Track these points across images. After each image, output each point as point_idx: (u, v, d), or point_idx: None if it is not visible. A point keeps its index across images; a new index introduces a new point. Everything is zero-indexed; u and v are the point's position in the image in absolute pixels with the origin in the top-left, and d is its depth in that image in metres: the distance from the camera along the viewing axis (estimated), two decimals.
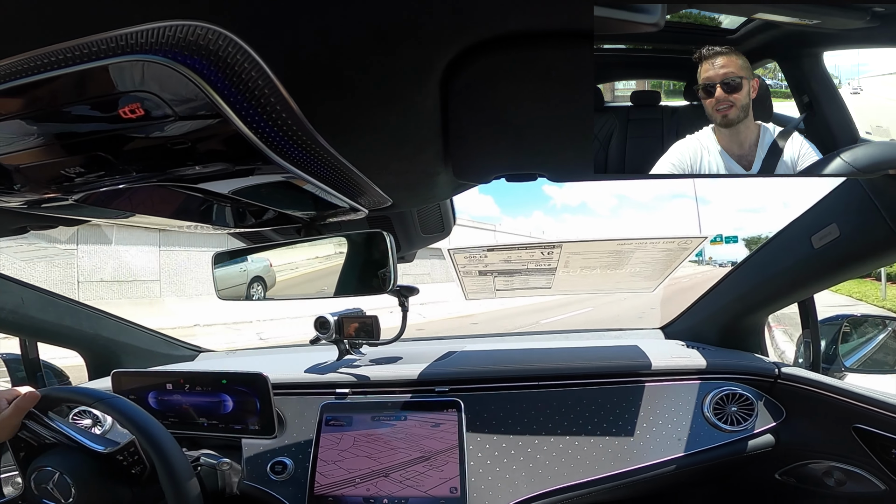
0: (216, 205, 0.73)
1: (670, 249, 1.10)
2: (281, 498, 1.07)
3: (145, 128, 0.44)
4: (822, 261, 0.99)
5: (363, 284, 0.88)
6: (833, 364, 1.25)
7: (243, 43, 0.37)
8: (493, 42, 0.41)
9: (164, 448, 0.81)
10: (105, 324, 1.52)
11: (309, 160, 0.57)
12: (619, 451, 1.08)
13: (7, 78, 0.39)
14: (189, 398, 1.10)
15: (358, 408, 1.16)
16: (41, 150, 0.48)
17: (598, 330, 1.76)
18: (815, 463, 1.09)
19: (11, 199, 0.60)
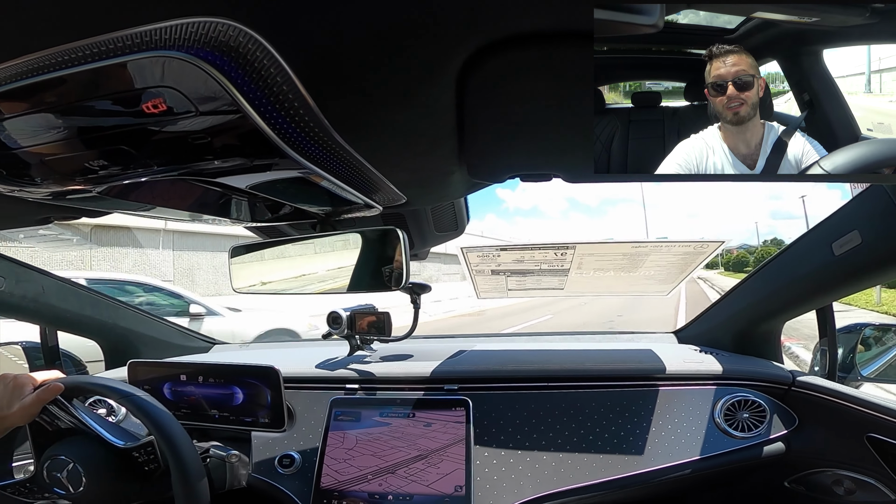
0: (234, 199, 0.74)
1: (686, 253, 1.09)
2: (288, 491, 1.09)
3: (167, 122, 0.45)
4: (843, 268, 0.97)
5: (376, 281, 0.89)
6: (850, 373, 1.22)
7: (262, 39, 0.37)
8: (509, 40, 0.41)
9: (183, 454, 0.81)
10: (123, 314, 1.55)
11: (325, 156, 0.57)
12: (626, 455, 1.07)
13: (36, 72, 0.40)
14: (202, 389, 1.12)
15: (367, 403, 1.17)
16: (67, 143, 0.49)
17: (611, 332, 1.75)
18: (826, 472, 1.08)
19: (37, 191, 0.62)
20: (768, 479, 1.16)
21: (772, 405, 1.13)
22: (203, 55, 0.38)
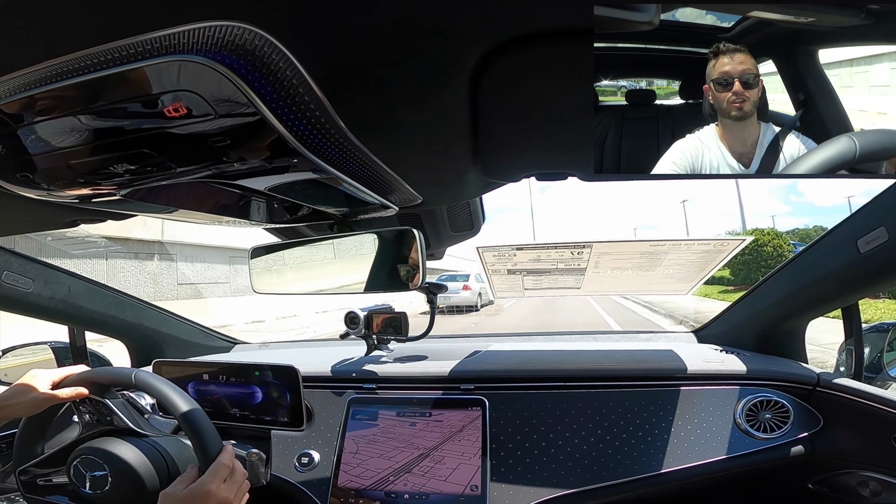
0: (254, 201, 0.75)
1: (705, 251, 1.07)
2: (306, 490, 1.10)
3: (187, 125, 0.46)
4: (869, 265, 0.95)
5: (392, 281, 0.90)
6: (878, 374, 1.19)
7: (279, 43, 0.38)
8: (523, 39, 0.41)
9: (207, 442, 0.82)
10: (148, 314, 1.58)
11: (341, 157, 0.58)
12: (645, 455, 1.06)
13: (60, 77, 0.41)
14: (223, 388, 1.14)
15: (384, 403, 1.18)
16: (92, 147, 0.51)
17: (629, 332, 1.73)
18: (850, 473, 1.06)
19: (64, 194, 0.64)
20: (792, 480, 1.14)
21: (795, 406, 1.10)
22: (221, 59, 0.38)
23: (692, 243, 1.05)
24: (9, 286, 1.16)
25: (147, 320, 1.57)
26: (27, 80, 0.42)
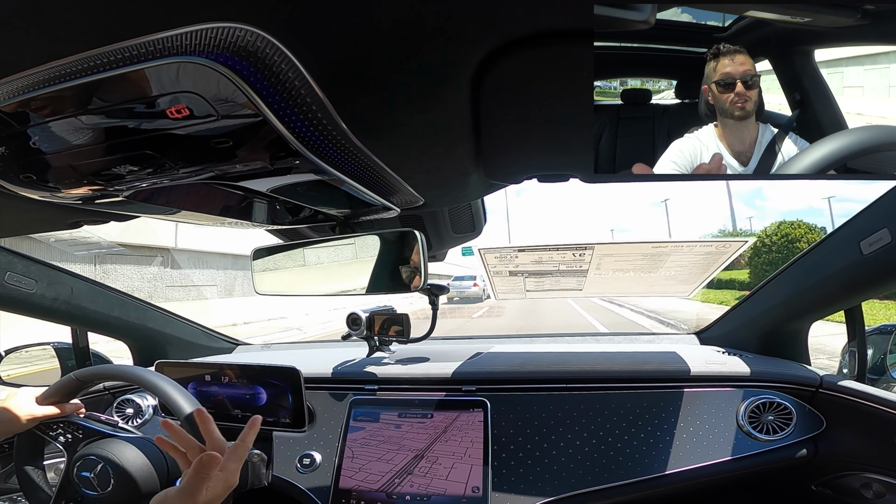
0: (256, 202, 0.75)
1: (708, 253, 1.07)
2: (307, 491, 1.10)
3: (189, 127, 0.46)
4: (872, 267, 0.94)
5: (394, 282, 0.90)
6: (882, 375, 1.18)
7: (280, 44, 0.38)
8: (525, 40, 0.41)
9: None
10: (150, 315, 1.59)
11: (343, 159, 0.58)
12: (648, 457, 1.06)
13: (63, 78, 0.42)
14: (225, 389, 1.14)
15: (385, 404, 1.18)
16: (95, 148, 0.51)
17: (631, 334, 1.73)
18: (854, 475, 1.05)
19: (67, 194, 0.64)
20: (794, 482, 1.13)
21: (798, 407, 1.10)
22: (222, 60, 0.39)
23: (694, 245, 1.04)
24: (12, 287, 1.17)
25: (150, 321, 1.58)
26: (30, 82, 0.42)
